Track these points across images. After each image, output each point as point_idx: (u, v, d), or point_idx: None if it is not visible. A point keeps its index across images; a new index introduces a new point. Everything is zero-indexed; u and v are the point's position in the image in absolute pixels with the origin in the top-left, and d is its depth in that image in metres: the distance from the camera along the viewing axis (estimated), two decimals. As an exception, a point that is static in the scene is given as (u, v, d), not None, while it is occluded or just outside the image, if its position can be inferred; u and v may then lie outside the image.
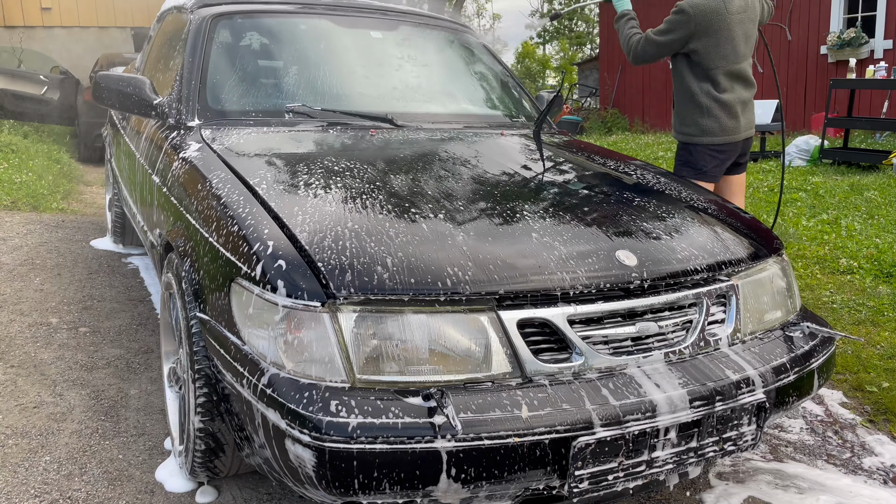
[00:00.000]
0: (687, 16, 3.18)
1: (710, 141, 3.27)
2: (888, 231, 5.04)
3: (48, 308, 3.62)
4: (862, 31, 10.31)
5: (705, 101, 3.26)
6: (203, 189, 2.15)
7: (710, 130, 3.26)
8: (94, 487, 2.18)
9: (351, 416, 1.50)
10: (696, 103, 3.28)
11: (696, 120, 3.28)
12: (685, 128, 3.32)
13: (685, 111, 3.32)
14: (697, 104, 3.27)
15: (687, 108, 3.31)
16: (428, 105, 3.17)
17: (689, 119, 3.30)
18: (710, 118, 3.26)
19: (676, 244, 1.98)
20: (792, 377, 1.93)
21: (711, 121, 3.26)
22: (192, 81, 2.78)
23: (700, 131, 3.28)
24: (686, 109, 3.32)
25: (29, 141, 9.13)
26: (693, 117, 3.29)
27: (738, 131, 3.30)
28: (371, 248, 1.72)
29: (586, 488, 1.62)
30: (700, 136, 3.28)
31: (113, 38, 14.80)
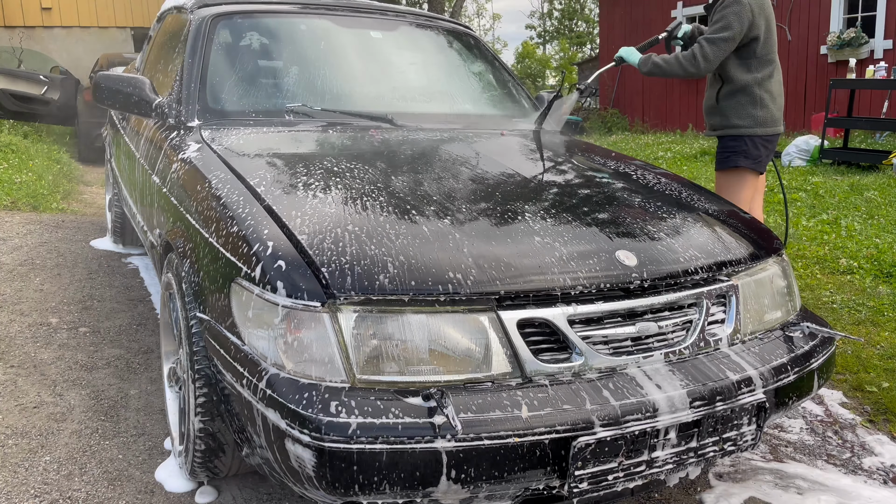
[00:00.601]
0: (742, 5, 3.18)
1: (763, 132, 3.31)
2: (888, 231, 5.04)
3: (48, 308, 3.62)
4: (862, 31, 10.31)
5: (759, 91, 3.29)
6: (203, 189, 2.15)
7: (763, 121, 3.30)
8: (94, 487, 2.18)
9: (351, 416, 1.50)
10: (749, 94, 3.29)
11: (750, 111, 3.29)
12: (739, 120, 3.31)
13: (737, 104, 3.32)
14: (751, 95, 3.29)
15: (739, 101, 3.31)
16: (428, 105, 3.17)
17: (742, 111, 3.31)
18: (763, 109, 3.29)
19: (676, 244, 1.98)
20: (792, 377, 1.93)
21: (765, 111, 3.30)
22: (192, 81, 2.79)
23: (755, 122, 3.30)
24: (738, 102, 3.32)
25: (29, 141, 9.13)
26: (747, 109, 3.30)
27: (781, 122, 3.39)
28: (371, 248, 1.72)
29: (586, 488, 1.62)
30: (755, 126, 3.30)
31: (113, 38, 14.81)
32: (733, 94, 3.32)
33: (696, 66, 3.24)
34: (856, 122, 8.42)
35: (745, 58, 3.27)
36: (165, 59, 3.42)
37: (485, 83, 3.53)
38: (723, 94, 3.36)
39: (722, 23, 3.21)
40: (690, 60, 3.25)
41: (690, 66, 3.25)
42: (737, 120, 3.31)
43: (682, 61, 3.27)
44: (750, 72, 3.29)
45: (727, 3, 3.21)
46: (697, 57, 3.22)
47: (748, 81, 3.28)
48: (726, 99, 3.35)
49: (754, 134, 3.31)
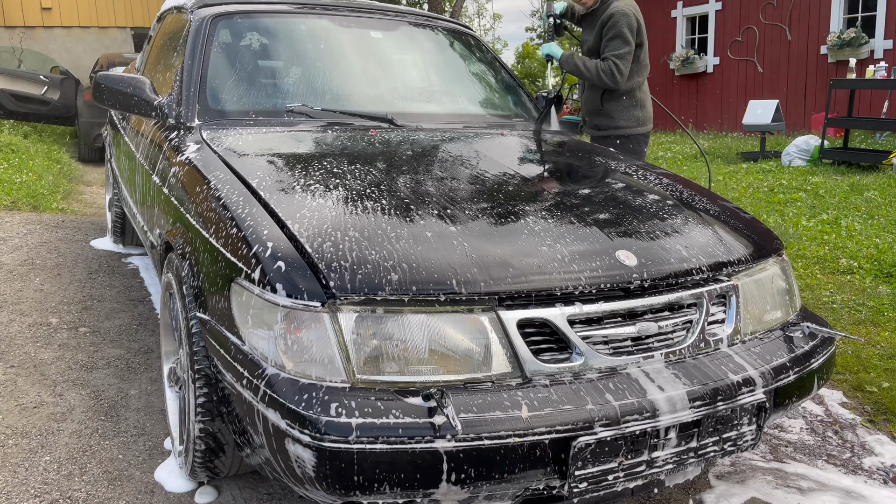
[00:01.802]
0: (629, 17, 3.54)
1: (643, 130, 3.77)
2: (888, 231, 5.04)
3: (48, 308, 3.62)
4: (862, 31, 10.32)
5: (639, 94, 3.72)
6: (203, 189, 2.15)
7: (642, 121, 3.76)
8: (94, 487, 2.18)
9: (351, 416, 1.50)
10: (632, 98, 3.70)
11: (633, 113, 3.72)
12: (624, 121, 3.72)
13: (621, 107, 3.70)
14: (633, 98, 3.70)
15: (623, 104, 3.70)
16: (428, 105, 3.17)
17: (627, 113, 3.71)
18: (642, 110, 3.74)
19: (676, 244, 1.98)
20: (792, 377, 1.93)
21: (643, 112, 3.75)
22: (192, 81, 2.78)
23: (637, 122, 3.73)
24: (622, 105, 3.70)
25: (29, 141, 9.14)
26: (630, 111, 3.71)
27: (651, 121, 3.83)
28: (371, 248, 1.72)
29: (586, 488, 1.62)
30: (637, 126, 3.74)
31: (113, 38, 14.82)
32: (618, 97, 3.67)
33: (614, 81, 3.56)
34: (856, 122, 8.42)
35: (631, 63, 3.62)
36: (165, 59, 3.42)
37: (485, 83, 3.53)
38: (607, 97, 3.69)
39: (621, 38, 3.52)
40: (610, 76, 3.55)
41: (609, 81, 3.57)
42: (622, 121, 3.69)
43: (602, 76, 3.56)
44: (633, 77, 3.64)
45: (617, 18, 3.51)
46: (616, 75, 3.54)
47: (631, 86, 3.65)
48: (612, 102, 3.69)
49: (637, 133, 3.72)
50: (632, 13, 3.54)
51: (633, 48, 3.53)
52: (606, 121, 3.72)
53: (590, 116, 3.82)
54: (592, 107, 3.78)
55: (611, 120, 3.70)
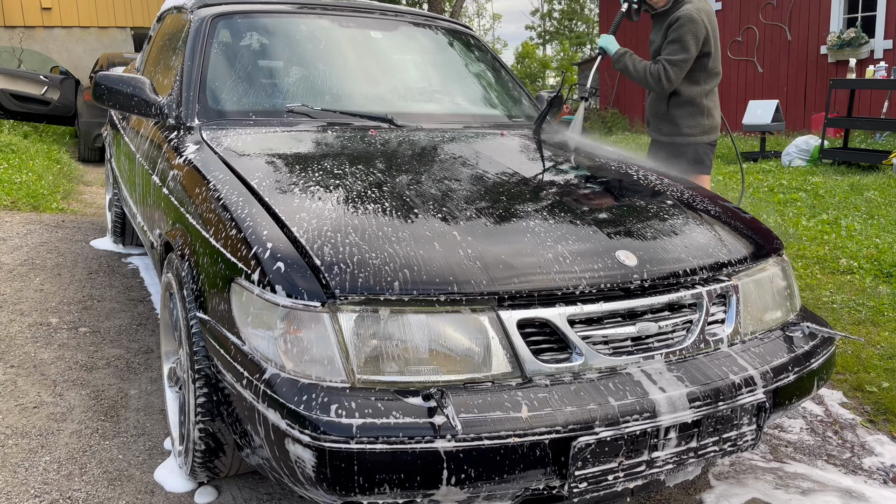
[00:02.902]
0: (697, 24, 3.35)
1: (708, 139, 3.58)
2: (888, 231, 5.04)
3: (48, 308, 3.62)
4: (862, 31, 10.31)
5: (705, 102, 3.52)
6: (203, 189, 2.15)
7: (708, 129, 3.56)
8: (94, 487, 2.18)
9: (351, 416, 1.50)
10: (697, 105, 3.51)
11: (698, 121, 3.53)
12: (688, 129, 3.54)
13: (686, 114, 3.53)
14: (698, 106, 3.51)
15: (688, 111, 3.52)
16: (427, 105, 3.17)
17: (691, 121, 3.53)
18: (708, 118, 3.55)
19: (676, 244, 1.98)
20: (792, 377, 1.93)
21: (710, 121, 3.56)
22: (192, 81, 2.78)
23: (701, 130, 3.54)
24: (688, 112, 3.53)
25: (29, 141, 9.14)
26: (695, 119, 3.53)
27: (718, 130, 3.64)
28: (371, 248, 1.71)
29: (586, 488, 1.62)
30: (701, 135, 3.54)
31: (113, 38, 14.82)
32: (683, 104, 3.53)
33: (660, 86, 3.45)
34: (856, 122, 8.42)
35: (697, 70, 3.46)
36: (165, 59, 3.42)
37: (485, 83, 3.53)
38: (672, 103, 3.55)
39: (680, 44, 3.37)
40: (657, 80, 3.44)
41: (656, 86, 3.47)
42: (686, 129, 3.53)
43: (649, 79, 3.47)
44: (699, 84, 3.50)
45: (682, 21, 3.35)
46: (662, 79, 3.42)
47: (696, 93, 3.50)
48: (677, 108, 3.55)
49: (702, 142, 3.55)
50: (701, 20, 3.36)
51: (691, 56, 3.37)
52: (669, 126, 3.57)
53: (653, 120, 3.68)
54: (657, 110, 3.64)
55: (674, 126, 3.55)
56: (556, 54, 38.66)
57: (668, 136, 3.59)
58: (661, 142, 3.62)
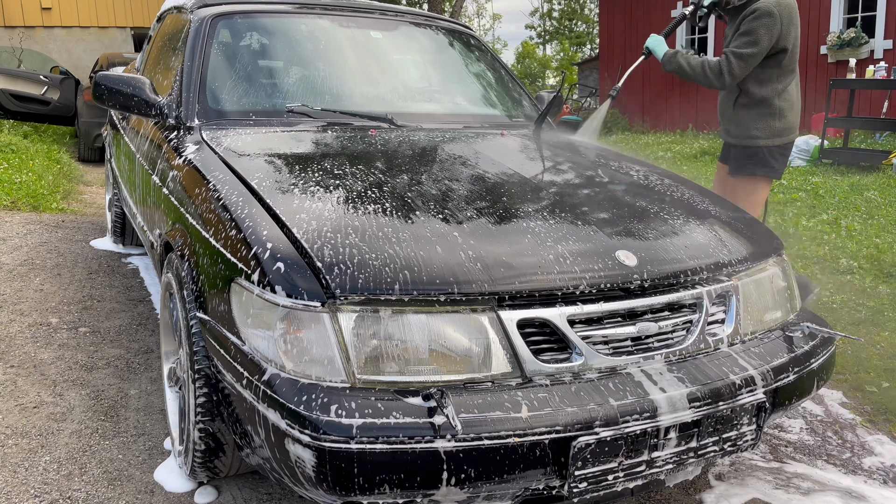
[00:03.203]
0: (773, 17, 3.09)
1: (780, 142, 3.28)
2: (888, 231, 5.04)
3: (48, 308, 3.62)
4: (862, 31, 10.31)
5: (778, 103, 3.24)
6: (203, 189, 2.15)
7: (780, 131, 3.27)
8: (94, 487, 2.18)
9: (351, 416, 1.50)
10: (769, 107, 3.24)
11: (769, 123, 3.25)
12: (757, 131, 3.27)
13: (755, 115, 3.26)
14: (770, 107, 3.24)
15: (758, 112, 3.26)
16: (427, 105, 3.17)
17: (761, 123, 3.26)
18: (781, 120, 3.25)
19: (677, 244, 1.98)
20: (792, 377, 1.93)
21: (783, 122, 3.26)
22: (192, 81, 2.78)
23: (772, 133, 3.26)
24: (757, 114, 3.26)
25: (29, 141, 9.14)
26: (766, 121, 3.26)
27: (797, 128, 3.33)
28: (371, 248, 1.71)
29: (586, 488, 1.62)
30: (772, 137, 3.26)
31: (113, 38, 14.82)
32: (752, 105, 3.25)
33: (721, 81, 3.16)
34: (856, 122, 8.41)
35: (769, 68, 3.19)
36: (165, 59, 3.42)
37: (485, 83, 3.53)
38: (741, 103, 3.28)
39: (751, 37, 3.09)
40: (717, 74, 3.16)
41: (716, 80, 3.18)
42: (755, 132, 3.26)
43: (708, 73, 3.18)
44: (771, 83, 3.21)
45: (758, 14, 3.09)
46: (724, 73, 3.13)
47: (768, 94, 3.22)
48: (744, 109, 3.28)
49: (772, 145, 3.26)
50: (778, 14, 3.08)
51: (760, 51, 3.08)
52: (737, 128, 3.31)
53: (722, 120, 3.44)
54: (725, 110, 3.39)
55: (743, 128, 3.28)
56: (556, 54, 38.65)
57: (736, 138, 3.34)
58: (731, 144, 3.38)
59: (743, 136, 3.29)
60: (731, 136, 3.36)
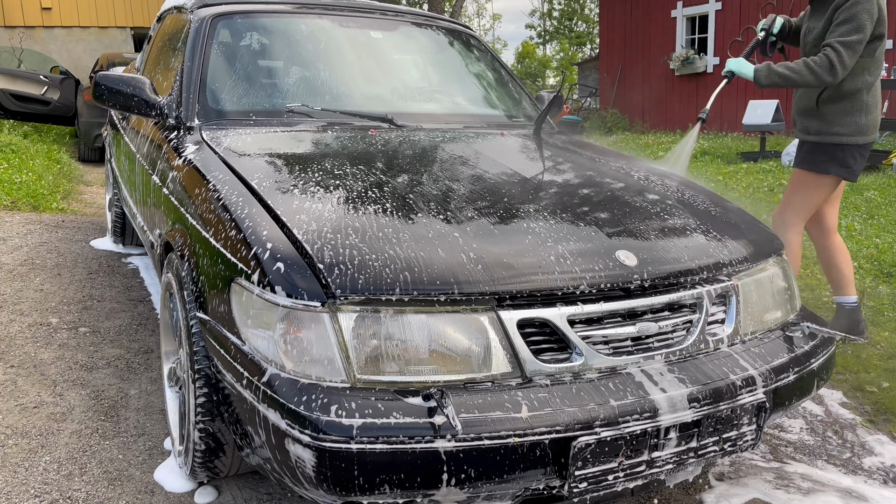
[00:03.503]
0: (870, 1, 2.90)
1: (864, 140, 3.09)
2: (888, 231, 5.04)
3: (48, 308, 3.62)
4: (862, 31, 10.29)
5: (866, 97, 3.05)
6: (203, 189, 2.15)
7: (865, 129, 3.07)
8: (94, 487, 2.18)
9: (351, 416, 1.50)
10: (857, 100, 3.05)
11: (855, 119, 3.05)
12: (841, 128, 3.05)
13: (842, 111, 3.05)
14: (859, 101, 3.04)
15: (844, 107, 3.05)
16: (427, 105, 3.17)
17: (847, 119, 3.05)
18: (867, 116, 3.06)
19: (677, 244, 1.98)
20: (792, 377, 1.93)
21: (869, 119, 3.07)
22: (192, 81, 2.78)
23: (857, 130, 3.05)
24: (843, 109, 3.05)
25: (29, 141, 9.14)
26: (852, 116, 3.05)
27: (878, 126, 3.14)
28: (371, 248, 1.71)
29: (586, 488, 1.62)
30: (857, 135, 3.06)
31: (113, 38, 14.82)
32: (839, 98, 3.04)
33: (833, 74, 2.91)
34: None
35: (863, 57, 2.99)
36: (165, 59, 3.42)
37: (485, 83, 3.53)
38: (826, 97, 3.06)
39: (854, 23, 2.89)
40: (827, 69, 2.91)
41: (827, 75, 2.92)
42: (839, 128, 3.04)
43: (818, 70, 2.92)
44: (862, 75, 3.01)
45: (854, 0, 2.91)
46: (835, 65, 2.90)
47: (859, 86, 3.01)
48: (831, 103, 3.06)
49: (855, 143, 3.05)
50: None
51: (865, 37, 2.89)
52: (819, 125, 3.08)
53: (800, 117, 3.20)
54: (805, 106, 3.16)
55: (825, 124, 3.06)
56: (556, 54, 38.65)
57: (816, 134, 3.10)
58: (809, 141, 3.14)
59: (825, 133, 3.08)
60: (811, 133, 3.13)
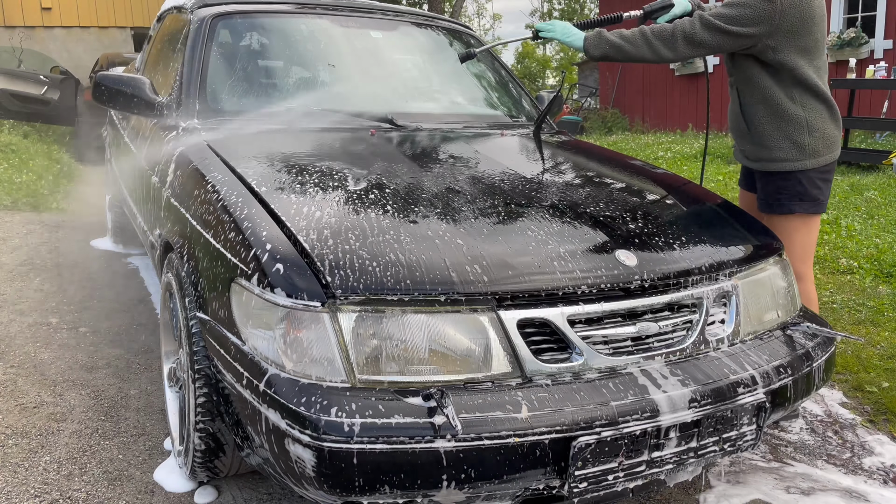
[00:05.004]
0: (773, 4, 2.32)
1: (817, 164, 2.49)
2: (888, 231, 5.04)
3: (48, 308, 3.62)
4: (862, 31, 10.31)
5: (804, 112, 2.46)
6: (203, 189, 2.15)
7: (815, 149, 2.48)
8: (94, 487, 2.18)
9: (351, 416, 1.50)
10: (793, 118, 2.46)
11: (797, 139, 2.47)
12: (782, 153, 2.49)
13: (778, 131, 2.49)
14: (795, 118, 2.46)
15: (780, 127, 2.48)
16: (428, 105, 3.17)
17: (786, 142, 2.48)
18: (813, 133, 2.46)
19: (676, 244, 1.98)
20: (792, 377, 1.93)
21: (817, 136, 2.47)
22: (192, 81, 2.78)
23: (804, 153, 2.47)
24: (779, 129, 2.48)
25: (29, 141, 9.13)
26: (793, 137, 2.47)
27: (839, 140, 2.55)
28: (371, 248, 1.71)
29: (586, 488, 1.62)
30: (805, 159, 2.48)
31: (113, 38, 14.81)
32: (768, 116, 2.48)
33: (672, 48, 2.36)
34: (856, 122, 8.41)
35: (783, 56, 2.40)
36: (165, 59, 3.42)
37: (485, 83, 3.53)
38: (754, 115, 2.52)
39: (742, 10, 2.32)
40: (667, 40, 2.36)
41: (665, 49, 2.37)
42: (779, 153, 2.48)
43: (654, 41, 2.37)
44: (784, 82, 2.44)
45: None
46: (678, 39, 2.35)
47: (781, 98, 2.45)
48: (762, 124, 2.50)
49: (805, 168, 2.46)
50: None
51: (743, 20, 2.31)
52: (756, 149, 2.55)
53: (736, 138, 2.67)
54: (736, 126, 2.62)
55: (763, 149, 2.51)
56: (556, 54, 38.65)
57: (755, 160, 2.57)
58: (759, 171, 2.59)
59: (765, 160, 2.53)
60: (749, 158, 2.61)
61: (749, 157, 2.62)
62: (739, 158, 2.72)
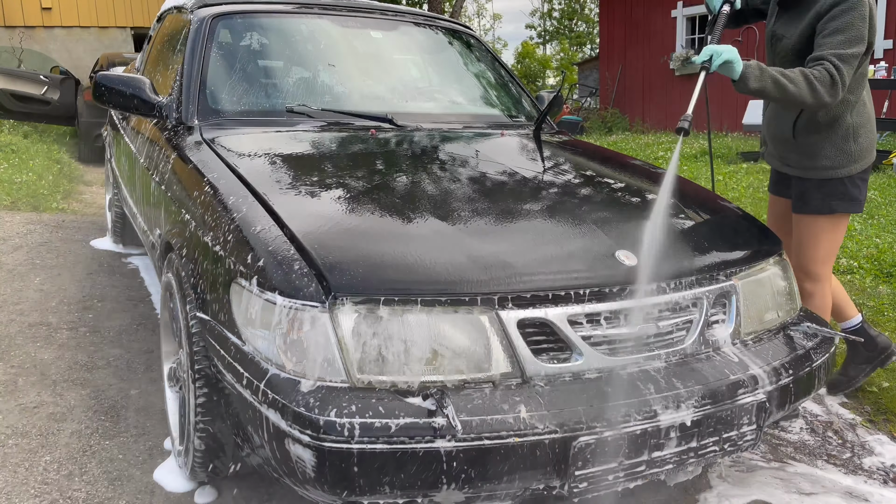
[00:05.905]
0: (865, 6, 2.36)
1: (860, 168, 2.55)
2: (888, 231, 5.04)
3: (48, 308, 3.62)
4: (862, 31, 10.30)
5: (852, 119, 2.53)
6: (203, 189, 2.15)
7: (859, 155, 2.54)
8: (94, 487, 2.18)
9: (351, 416, 1.50)
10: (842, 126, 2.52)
11: (843, 147, 2.52)
12: (828, 161, 2.52)
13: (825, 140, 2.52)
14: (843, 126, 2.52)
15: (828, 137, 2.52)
16: (427, 105, 3.17)
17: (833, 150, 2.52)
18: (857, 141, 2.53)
19: (676, 244, 1.98)
20: (792, 377, 1.93)
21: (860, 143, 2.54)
22: (192, 81, 2.78)
23: (850, 159, 2.53)
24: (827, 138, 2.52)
25: (29, 141, 9.14)
26: (839, 145, 2.52)
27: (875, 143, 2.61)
28: (371, 248, 1.72)
29: (586, 488, 1.62)
30: (850, 164, 2.53)
31: (113, 38, 14.82)
32: (819, 126, 2.50)
33: (834, 93, 2.32)
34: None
35: None
36: (165, 59, 3.42)
37: (485, 83, 3.53)
38: (803, 125, 2.53)
39: (851, 33, 2.32)
40: (829, 86, 2.30)
41: (828, 95, 2.31)
42: (825, 161, 2.50)
43: (818, 86, 2.29)
44: (846, 93, 2.44)
45: (851, 4, 2.34)
46: (837, 83, 2.30)
47: (842, 110, 2.48)
48: (809, 133, 2.52)
49: (851, 174, 2.51)
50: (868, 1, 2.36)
51: (862, 50, 2.35)
52: (800, 158, 2.56)
53: (775, 145, 2.68)
54: (779, 134, 2.62)
55: (807, 158, 2.54)
56: (556, 54, 38.63)
57: (798, 168, 2.58)
58: (798, 178, 2.60)
59: (810, 168, 2.55)
60: (791, 165, 2.62)
61: (791, 165, 2.63)
62: (775, 164, 2.72)
